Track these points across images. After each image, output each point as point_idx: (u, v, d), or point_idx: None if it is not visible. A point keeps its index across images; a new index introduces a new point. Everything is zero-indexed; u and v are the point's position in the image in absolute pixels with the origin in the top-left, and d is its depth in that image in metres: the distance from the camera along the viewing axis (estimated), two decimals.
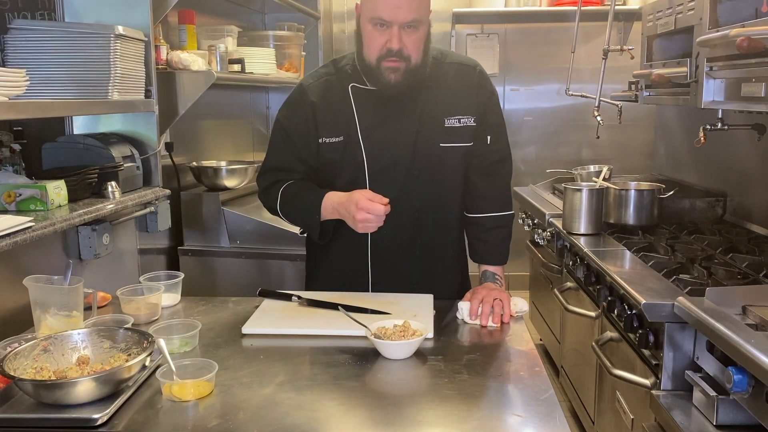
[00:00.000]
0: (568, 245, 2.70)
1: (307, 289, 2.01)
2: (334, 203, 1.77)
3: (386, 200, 1.68)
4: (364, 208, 1.67)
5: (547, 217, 3.04)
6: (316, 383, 1.37)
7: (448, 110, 1.84)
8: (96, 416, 1.20)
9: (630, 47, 3.07)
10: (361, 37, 1.76)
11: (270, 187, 1.89)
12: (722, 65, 2.07)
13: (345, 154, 1.82)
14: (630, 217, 2.68)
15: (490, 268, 1.94)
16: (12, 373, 1.24)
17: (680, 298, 1.75)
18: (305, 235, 2.02)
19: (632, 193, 2.68)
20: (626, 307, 2.04)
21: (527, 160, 5.04)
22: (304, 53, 3.70)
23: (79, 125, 2.32)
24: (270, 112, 4.02)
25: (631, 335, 2.02)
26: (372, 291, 1.90)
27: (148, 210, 2.39)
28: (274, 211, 1.91)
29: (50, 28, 2.00)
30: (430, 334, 1.58)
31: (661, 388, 1.82)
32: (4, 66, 1.88)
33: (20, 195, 1.84)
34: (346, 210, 1.72)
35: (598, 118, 3.09)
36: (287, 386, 1.35)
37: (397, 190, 1.83)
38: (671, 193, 2.75)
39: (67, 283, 1.58)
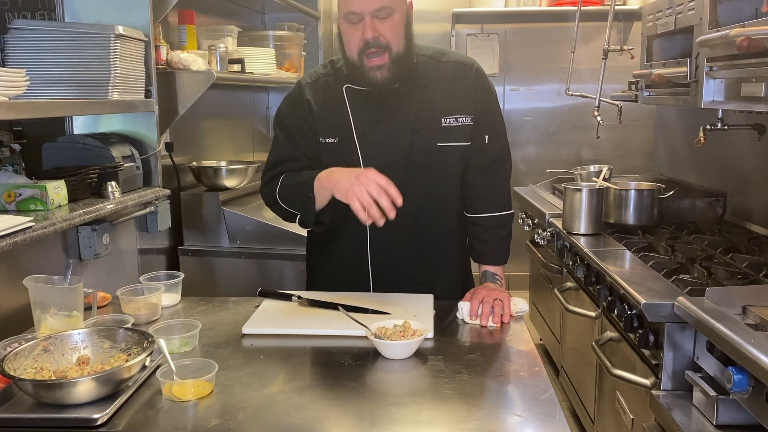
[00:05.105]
0: (568, 245, 2.70)
1: (308, 289, 2.01)
2: (333, 170, 1.71)
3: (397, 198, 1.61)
4: (374, 174, 1.61)
5: (547, 217, 3.04)
6: (316, 383, 1.37)
7: (445, 109, 1.83)
8: (96, 416, 1.20)
9: (630, 47, 3.07)
10: (342, 39, 1.77)
11: (272, 180, 1.87)
12: (722, 65, 2.07)
13: (341, 155, 1.82)
14: (630, 217, 2.68)
15: (491, 268, 1.94)
16: (12, 373, 1.24)
17: (680, 298, 1.75)
18: (308, 230, 2.00)
19: (632, 193, 2.68)
20: (626, 307, 2.04)
21: (527, 160, 5.05)
22: (304, 53, 3.70)
23: (79, 125, 2.32)
24: (270, 112, 4.02)
25: (631, 335, 2.02)
26: (373, 291, 1.90)
27: (148, 210, 2.39)
28: (273, 203, 1.87)
29: (50, 28, 2.00)
30: (430, 334, 1.58)
31: (661, 388, 1.82)
32: (4, 66, 1.88)
33: (20, 195, 1.84)
34: (348, 171, 1.66)
35: (598, 118, 3.09)
36: (287, 386, 1.35)
37: None
38: (671, 193, 2.75)
39: (67, 283, 1.58)
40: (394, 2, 1.71)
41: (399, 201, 1.60)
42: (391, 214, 1.59)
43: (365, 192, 1.59)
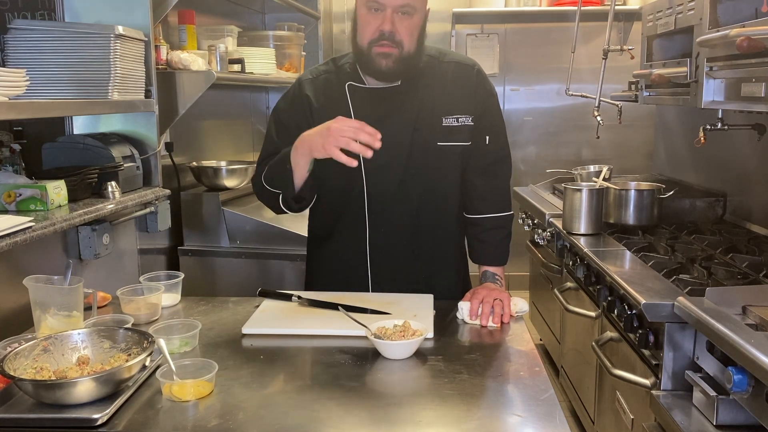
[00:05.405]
0: (568, 245, 2.70)
1: (307, 289, 2.01)
2: (304, 134, 1.68)
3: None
4: (343, 120, 1.59)
5: (547, 217, 3.04)
6: (316, 383, 1.37)
7: (446, 109, 1.83)
8: (96, 416, 1.20)
9: (630, 47, 3.07)
10: (357, 24, 1.76)
11: (261, 172, 1.86)
12: (722, 65, 2.07)
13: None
14: (630, 217, 2.68)
15: (490, 269, 1.94)
16: (12, 373, 1.24)
17: (680, 298, 1.75)
18: (308, 230, 2.00)
19: (632, 193, 2.68)
20: (626, 307, 2.04)
21: (527, 160, 5.04)
22: (304, 53, 3.70)
23: (79, 125, 2.32)
24: (270, 112, 4.01)
25: (631, 335, 2.02)
26: (372, 291, 1.90)
27: (148, 210, 2.39)
28: (262, 191, 1.85)
29: (50, 28, 2.00)
30: (430, 334, 1.58)
31: (661, 388, 1.82)
32: (4, 66, 1.88)
33: (20, 195, 1.84)
34: (318, 128, 1.63)
35: (598, 118, 3.09)
36: (287, 386, 1.35)
37: (395, 188, 1.83)
38: (671, 193, 2.75)
39: (67, 283, 1.58)
40: (419, 3, 1.71)
41: (378, 135, 1.56)
42: (377, 144, 1.55)
43: (340, 137, 1.57)
